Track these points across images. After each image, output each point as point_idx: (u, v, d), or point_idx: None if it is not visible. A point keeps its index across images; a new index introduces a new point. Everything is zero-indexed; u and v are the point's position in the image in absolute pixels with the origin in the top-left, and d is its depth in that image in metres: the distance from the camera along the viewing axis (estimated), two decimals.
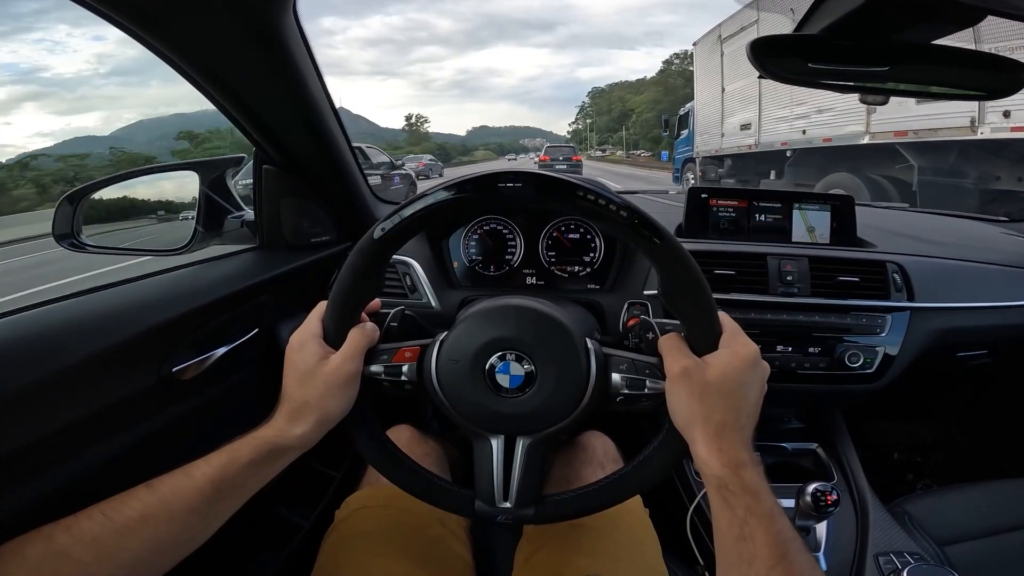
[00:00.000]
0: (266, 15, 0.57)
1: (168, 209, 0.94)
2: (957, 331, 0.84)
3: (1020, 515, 0.70)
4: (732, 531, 0.37)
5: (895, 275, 0.83)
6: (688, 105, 9.33)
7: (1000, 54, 0.50)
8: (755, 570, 0.35)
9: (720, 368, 0.41)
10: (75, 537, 0.35)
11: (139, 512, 0.36)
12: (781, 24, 5.27)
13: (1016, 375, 1.01)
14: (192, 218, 1.08)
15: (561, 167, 15.62)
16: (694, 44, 8.56)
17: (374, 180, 7.76)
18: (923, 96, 0.56)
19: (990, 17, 0.41)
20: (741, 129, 6.93)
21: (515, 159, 62.77)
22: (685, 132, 9.40)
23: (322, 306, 0.46)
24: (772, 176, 6.48)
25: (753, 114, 6.55)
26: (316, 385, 0.42)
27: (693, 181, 8.91)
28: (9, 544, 0.35)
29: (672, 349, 0.43)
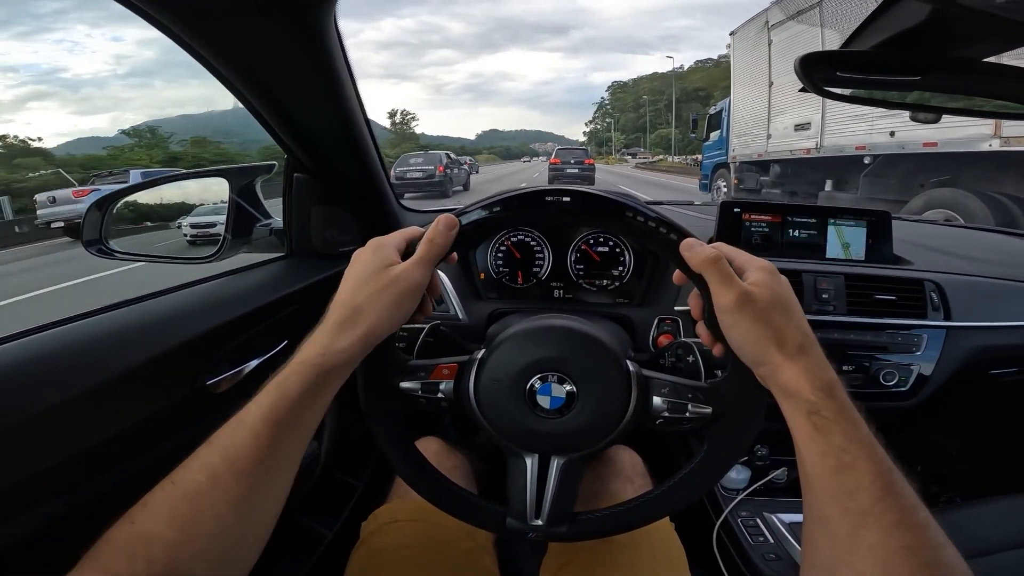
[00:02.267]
0: (309, 17, 0.65)
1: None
2: (993, 349, 0.95)
3: None
4: (828, 462, 0.38)
5: (932, 293, 0.95)
6: (721, 103, 9.10)
7: None
8: (858, 502, 0.36)
9: (767, 288, 0.43)
10: (151, 512, 0.37)
11: (205, 474, 0.39)
12: (846, 8, 5.08)
13: None
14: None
15: (573, 171, 16.38)
16: (731, 33, 8.43)
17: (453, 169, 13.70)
18: (972, 114, 0.68)
19: None
20: (796, 130, 6.65)
21: (529, 161, 70.63)
22: (716, 134, 9.20)
23: (413, 230, 0.51)
24: (829, 187, 6.24)
25: (814, 112, 6.24)
26: (377, 286, 0.45)
27: (725, 190, 8.71)
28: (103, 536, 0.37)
29: (717, 279, 0.43)
